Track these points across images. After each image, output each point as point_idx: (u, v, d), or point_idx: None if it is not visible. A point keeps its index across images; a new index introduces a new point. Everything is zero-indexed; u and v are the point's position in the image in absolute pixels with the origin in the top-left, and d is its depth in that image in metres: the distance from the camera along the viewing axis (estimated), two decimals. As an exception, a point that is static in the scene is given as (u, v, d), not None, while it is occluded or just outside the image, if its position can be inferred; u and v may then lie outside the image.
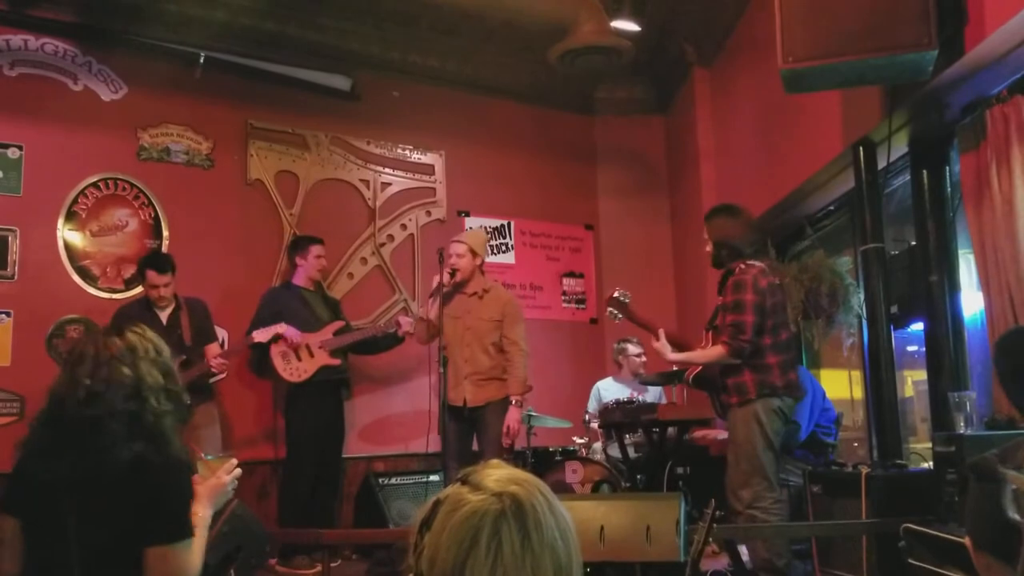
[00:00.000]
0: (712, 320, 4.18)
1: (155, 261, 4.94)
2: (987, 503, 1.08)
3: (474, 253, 5.00)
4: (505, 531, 0.95)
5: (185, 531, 1.95)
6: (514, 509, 0.96)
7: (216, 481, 2.16)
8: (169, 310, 4.95)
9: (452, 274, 4.88)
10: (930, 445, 3.74)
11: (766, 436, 3.82)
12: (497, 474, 1.01)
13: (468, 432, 4.87)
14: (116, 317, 4.79)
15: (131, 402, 1.96)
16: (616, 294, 4.45)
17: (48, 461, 1.93)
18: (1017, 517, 1.04)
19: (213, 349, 4.87)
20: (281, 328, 4.98)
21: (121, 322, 2.14)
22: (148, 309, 4.92)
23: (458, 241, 5.12)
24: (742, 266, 4.03)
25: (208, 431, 4.85)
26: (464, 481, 1.02)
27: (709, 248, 4.22)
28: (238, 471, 2.22)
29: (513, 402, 4.93)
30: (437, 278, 4.92)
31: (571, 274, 7.21)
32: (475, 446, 5.06)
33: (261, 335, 4.94)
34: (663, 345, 4.10)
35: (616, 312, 4.39)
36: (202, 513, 2.09)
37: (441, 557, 0.95)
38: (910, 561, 2.92)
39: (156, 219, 5.61)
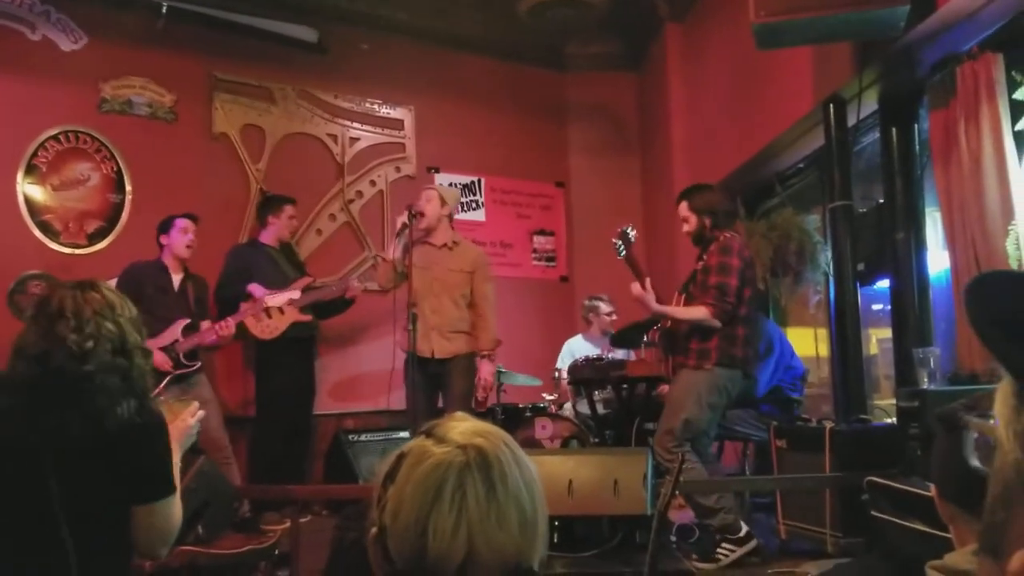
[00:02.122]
0: (687, 284, 4.17)
1: (186, 214, 4.89)
2: (953, 453, 1.09)
3: (443, 202, 4.93)
4: (470, 483, 0.94)
5: (171, 487, 1.96)
6: (479, 461, 0.95)
7: (182, 423, 2.15)
8: (180, 276, 4.88)
9: (415, 216, 4.77)
10: (893, 401, 3.80)
11: (698, 403, 3.88)
12: (462, 427, 1.00)
13: (433, 388, 4.84)
14: (127, 273, 4.78)
15: (120, 357, 1.91)
16: (627, 228, 4.34)
17: (26, 423, 1.84)
18: (979, 465, 1.05)
19: (207, 323, 4.82)
20: (299, 286, 4.95)
21: (91, 279, 2.07)
22: (163, 271, 4.86)
23: (429, 188, 5.09)
24: (726, 234, 4.05)
25: (212, 406, 4.73)
26: (428, 434, 1.00)
27: (689, 226, 4.16)
28: (201, 413, 2.22)
29: (485, 355, 4.91)
30: (400, 219, 4.85)
31: (541, 232, 7.20)
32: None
33: (274, 300, 4.90)
34: (649, 294, 4.01)
35: (621, 246, 4.28)
36: (175, 459, 2.08)
37: (405, 510, 0.94)
38: (873, 513, 2.97)
39: (119, 173, 5.49)
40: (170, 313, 4.74)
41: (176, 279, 4.87)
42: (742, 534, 3.77)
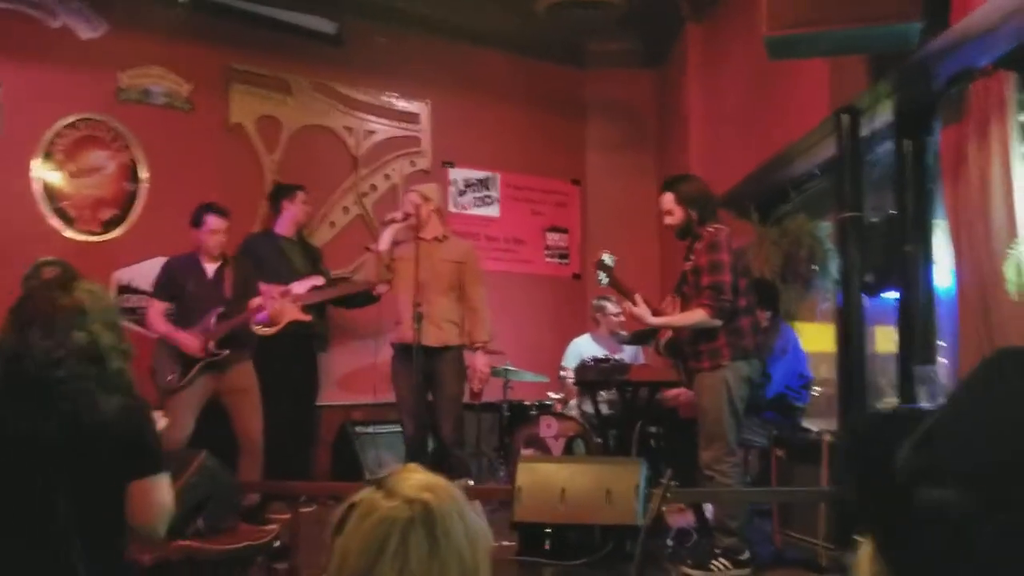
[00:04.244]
0: (680, 285, 4.15)
1: (214, 207, 4.83)
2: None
3: (426, 198, 4.92)
4: (413, 539, 0.96)
5: (162, 464, 2.07)
6: (423, 516, 0.98)
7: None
8: (217, 264, 4.87)
9: (406, 218, 4.83)
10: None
11: (731, 403, 3.85)
12: (413, 479, 1.02)
13: (423, 383, 4.82)
14: (165, 272, 4.83)
15: (93, 365, 1.98)
16: (603, 257, 4.35)
17: (25, 421, 1.93)
18: None
19: (255, 302, 4.79)
20: (319, 280, 5.01)
21: (71, 275, 2.14)
22: (196, 263, 4.85)
23: (410, 191, 5.11)
24: (711, 228, 3.98)
25: (250, 397, 4.78)
26: (380, 485, 1.03)
27: (673, 219, 4.08)
28: (164, 422, 2.32)
29: (479, 347, 4.89)
30: (390, 214, 4.93)
31: (555, 229, 7.20)
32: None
33: (299, 287, 4.94)
34: (643, 310, 4.02)
35: (603, 275, 4.31)
36: None
37: (349, 563, 0.97)
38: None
39: (135, 162, 5.55)
40: (205, 305, 4.74)
41: (211, 268, 4.85)
42: (743, 558, 3.78)
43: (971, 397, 0.74)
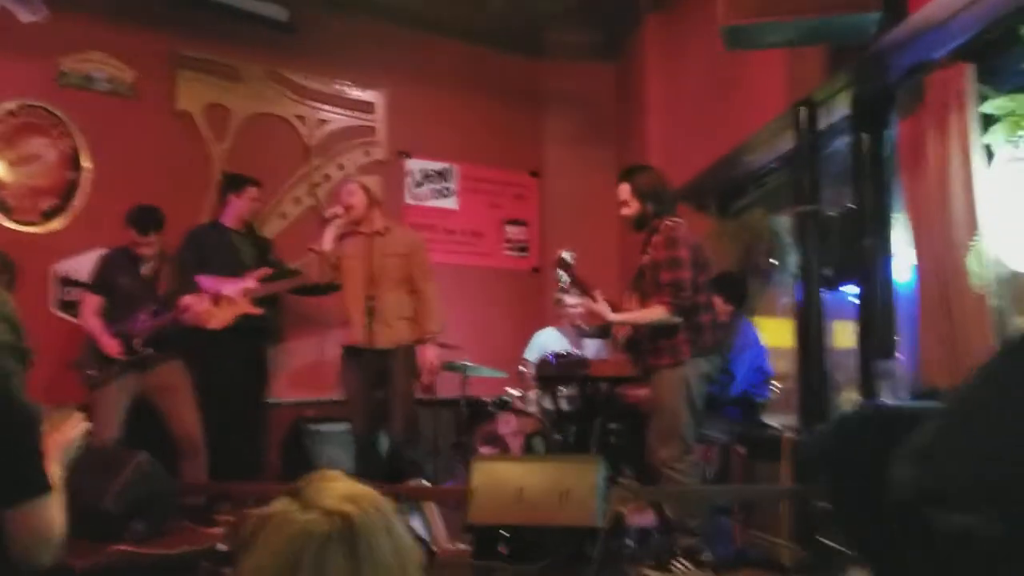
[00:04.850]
0: (636, 280, 4.08)
1: (137, 221, 4.65)
2: None
3: (367, 190, 4.87)
4: (331, 555, 0.86)
5: (46, 485, 1.82)
6: (343, 531, 0.87)
7: (61, 437, 1.99)
8: (153, 263, 4.75)
9: (348, 210, 4.78)
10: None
11: (690, 400, 3.79)
12: (333, 489, 0.92)
13: (374, 382, 4.71)
14: (101, 266, 4.74)
15: None
16: (563, 255, 4.26)
17: None
18: None
19: (184, 301, 4.68)
20: (254, 277, 4.92)
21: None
22: (132, 260, 4.72)
23: (351, 182, 5.06)
24: (668, 223, 3.92)
25: (181, 395, 4.66)
26: (296, 495, 0.92)
27: (629, 210, 4.04)
28: (84, 424, 2.05)
29: (429, 339, 4.81)
30: (331, 210, 4.86)
31: (514, 221, 7.10)
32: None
33: (229, 288, 4.80)
34: (603, 307, 3.97)
35: (564, 276, 4.23)
36: (52, 471, 1.92)
37: (260, 582, 0.86)
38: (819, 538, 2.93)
39: (76, 150, 5.33)
40: (136, 301, 4.65)
41: (147, 267, 4.75)
42: (703, 558, 3.73)
43: (979, 400, 0.64)
